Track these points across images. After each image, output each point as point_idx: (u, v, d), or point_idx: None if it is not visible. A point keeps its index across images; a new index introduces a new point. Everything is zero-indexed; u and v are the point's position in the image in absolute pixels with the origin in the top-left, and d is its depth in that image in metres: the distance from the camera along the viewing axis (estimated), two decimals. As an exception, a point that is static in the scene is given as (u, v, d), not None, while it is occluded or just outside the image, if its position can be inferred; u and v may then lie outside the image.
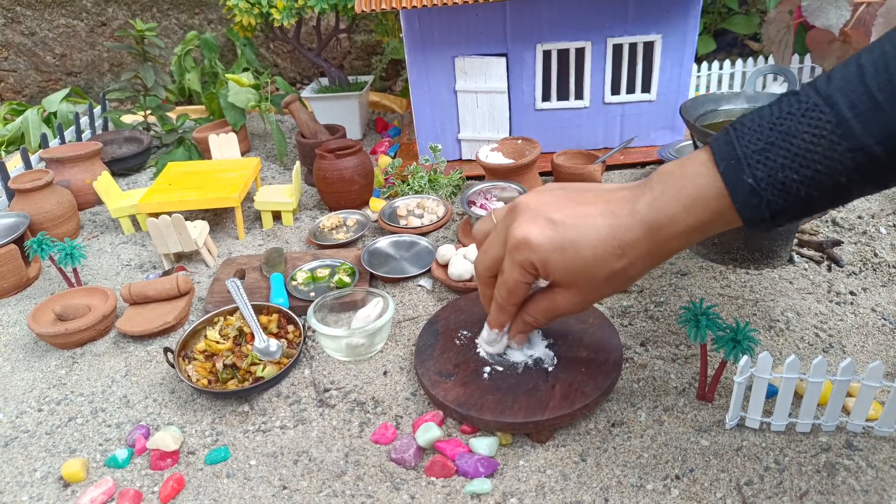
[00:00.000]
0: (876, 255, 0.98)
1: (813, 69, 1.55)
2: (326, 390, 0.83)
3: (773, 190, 0.52)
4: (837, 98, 0.49)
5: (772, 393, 0.72)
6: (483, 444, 0.70)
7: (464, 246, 1.04)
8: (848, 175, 0.49)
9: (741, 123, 0.54)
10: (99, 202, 1.44)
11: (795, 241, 1.01)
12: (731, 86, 1.60)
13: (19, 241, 1.13)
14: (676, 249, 0.59)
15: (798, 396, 0.73)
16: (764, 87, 1.58)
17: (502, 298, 0.69)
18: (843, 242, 1.00)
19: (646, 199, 0.58)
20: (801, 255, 0.99)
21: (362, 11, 1.19)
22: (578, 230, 0.61)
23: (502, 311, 0.71)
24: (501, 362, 0.77)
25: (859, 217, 1.07)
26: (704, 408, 0.74)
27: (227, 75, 1.55)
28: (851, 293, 0.91)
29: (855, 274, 0.95)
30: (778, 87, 1.54)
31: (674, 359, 0.82)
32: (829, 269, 0.96)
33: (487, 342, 0.78)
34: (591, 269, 0.61)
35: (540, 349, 0.78)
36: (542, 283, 0.68)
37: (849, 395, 0.73)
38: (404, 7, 1.18)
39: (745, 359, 0.66)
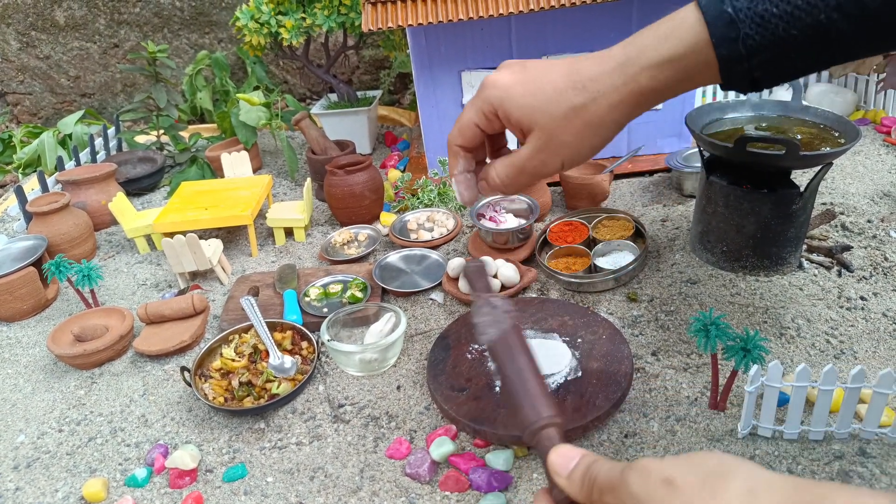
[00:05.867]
0: (886, 259, 0.98)
1: (818, 74, 1.54)
2: (341, 406, 0.84)
3: (751, 23, 0.50)
4: None
5: (783, 401, 0.72)
6: (500, 459, 0.71)
7: (474, 259, 1.05)
8: (827, 13, 0.48)
9: None
10: (114, 223, 1.47)
11: (805, 247, 1.01)
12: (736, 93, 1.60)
13: (37, 264, 1.15)
14: (647, 89, 0.55)
15: (810, 404, 0.73)
16: (770, 93, 1.58)
17: (451, 137, 0.64)
18: (852, 247, 1.00)
19: (622, 42, 0.56)
20: (811, 261, 0.99)
21: (369, 30, 1.20)
22: (544, 70, 0.58)
23: (449, 151, 0.66)
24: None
25: (869, 221, 1.07)
26: (717, 417, 0.74)
27: (237, 95, 1.58)
28: (862, 298, 0.91)
29: (865, 279, 0.95)
30: (783, 94, 1.54)
31: (685, 368, 0.82)
32: (839, 275, 0.96)
33: (458, 196, 0.70)
34: (548, 104, 0.57)
35: (567, 358, 0.79)
36: None
37: (861, 401, 0.73)
38: (410, 25, 1.20)
39: (755, 368, 0.66)
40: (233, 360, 0.90)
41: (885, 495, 0.32)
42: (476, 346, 0.84)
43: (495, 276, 0.99)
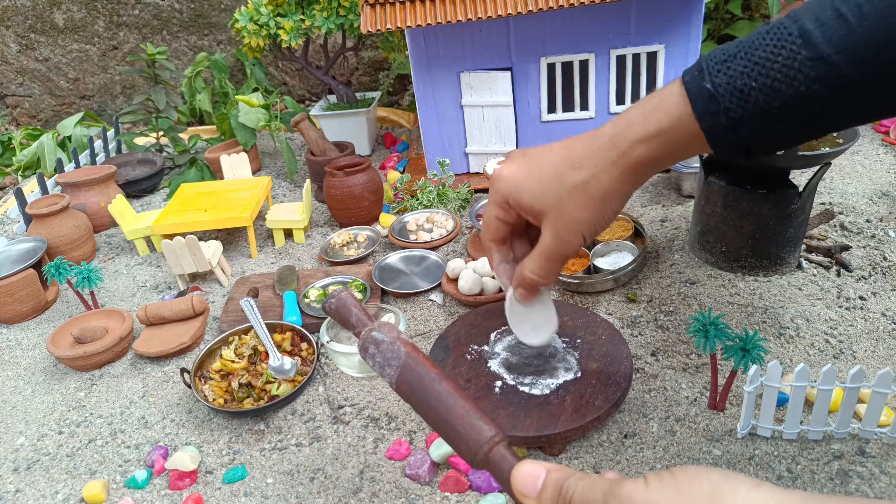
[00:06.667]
0: (885, 258, 0.98)
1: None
2: (340, 407, 0.84)
3: (731, 97, 0.52)
4: (803, 15, 0.50)
5: (782, 401, 0.72)
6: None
7: (473, 260, 1.05)
8: (807, 84, 0.49)
9: (715, 48, 0.55)
10: (114, 224, 1.47)
11: (804, 247, 1.01)
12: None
13: (37, 266, 1.15)
14: (640, 160, 0.57)
15: (809, 404, 0.73)
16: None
17: (482, 234, 0.69)
18: (851, 247, 1.01)
19: (612, 120, 0.59)
20: (810, 261, 0.99)
21: (368, 32, 1.20)
22: (543, 156, 0.62)
23: (484, 248, 0.70)
24: (534, 384, 0.77)
25: (868, 221, 1.07)
26: (716, 417, 0.74)
27: (237, 96, 1.58)
28: (861, 298, 0.91)
29: (864, 278, 0.95)
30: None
31: (685, 368, 0.82)
32: (838, 275, 0.96)
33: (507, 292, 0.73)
34: (553, 186, 0.60)
35: (571, 362, 0.79)
36: None
37: (860, 401, 0.73)
38: (409, 26, 1.20)
39: (754, 368, 0.66)
40: (232, 362, 0.90)
41: None
42: (476, 347, 0.84)
43: (493, 278, 0.99)
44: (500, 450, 0.48)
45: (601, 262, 1.02)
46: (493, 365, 0.80)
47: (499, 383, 0.77)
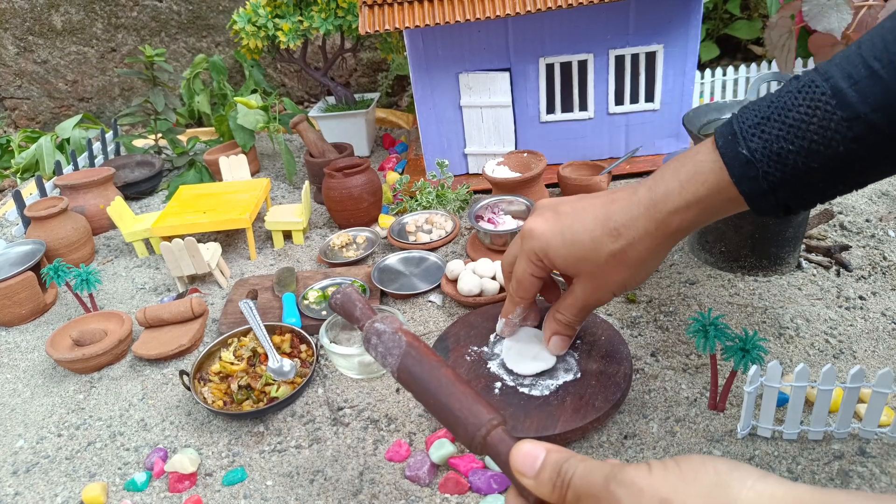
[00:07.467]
0: (885, 258, 0.98)
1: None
2: (340, 409, 0.84)
3: (769, 161, 0.52)
4: (834, 72, 0.49)
5: (783, 401, 0.72)
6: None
7: (473, 261, 1.05)
8: (845, 145, 0.49)
9: (744, 106, 0.55)
10: (113, 227, 1.47)
11: (803, 246, 1.01)
12: (735, 92, 1.61)
13: (36, 268, 1.15)
14: (678, 229, 0.58)
15: (809, 404, 0.73)
16: (768, 89, 1.58)
17: (513, 289, 0.71)
18: (851, 247, 1.00)
19: (647, 184, 0.60)
20: (810, 261, 0.99)
21: (366, 33, 1.20)
22: (578, 216, 0.63)
23: (511, 300, 0.73)
24: (537, 384, 0.77)
25: (867, 220, 1.07)
26: (716, 417, 0.74)
27: (235, 98, 1.58)
28: (861, 298, 0.91)
29: (864, 278, 0.95)
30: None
31: (685, 369, 0.82)
32: (838, 274, 0.96)
33: (498, 329, 0.80)
34: (589, 253, 0.62)
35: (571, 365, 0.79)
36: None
37: (861, 401, 0.73)
38: (407, 27, 1.20)
39: (754, 368, 0.66)
40: (232, 364, 0.90)
41: (891, 498, 0.31)
42: (475, 348, 0.84)
43: (493, 278, 0.99)
44: (499, 433, 0.48)
45: (600, 263, 1.02)
46: (493, 366, 0.80)
47: (498, 384, 0.77)
